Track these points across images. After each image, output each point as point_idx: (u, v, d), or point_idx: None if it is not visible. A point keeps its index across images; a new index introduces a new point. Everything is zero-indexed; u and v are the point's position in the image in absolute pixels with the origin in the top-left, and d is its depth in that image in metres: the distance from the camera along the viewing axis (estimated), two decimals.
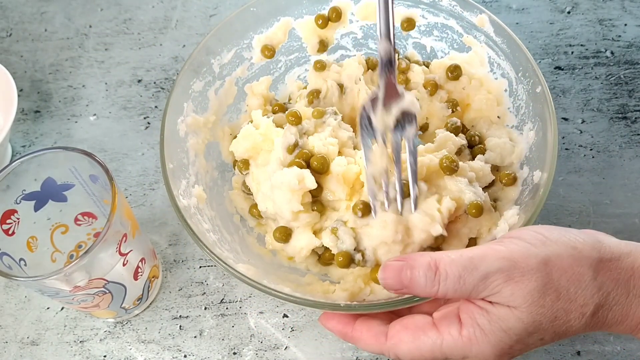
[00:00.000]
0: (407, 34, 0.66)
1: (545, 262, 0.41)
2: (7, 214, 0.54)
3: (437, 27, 0.64)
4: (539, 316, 0.41)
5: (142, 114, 0.78)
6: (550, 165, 0.51)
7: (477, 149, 0.60)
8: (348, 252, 0.53)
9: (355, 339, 0.48)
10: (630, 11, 0.82)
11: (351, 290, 0.54)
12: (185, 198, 0.56)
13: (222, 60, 0.63)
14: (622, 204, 0.68)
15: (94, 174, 0.55)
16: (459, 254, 0.43)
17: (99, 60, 0.83)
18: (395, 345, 0.45)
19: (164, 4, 0.88)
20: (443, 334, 0.44)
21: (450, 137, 0.59)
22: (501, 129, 0.61)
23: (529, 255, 0.41)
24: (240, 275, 0.50)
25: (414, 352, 0.45)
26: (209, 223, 0.57)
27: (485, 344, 0.42)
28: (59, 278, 0.49)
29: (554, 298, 0.41)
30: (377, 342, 0.47)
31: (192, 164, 0.59)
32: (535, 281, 0.41)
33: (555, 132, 0.52)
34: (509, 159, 0.58)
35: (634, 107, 0.75)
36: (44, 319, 0.64)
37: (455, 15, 0.62)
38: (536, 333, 0.42)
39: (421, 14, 0.64)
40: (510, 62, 0.59)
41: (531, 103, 0.57)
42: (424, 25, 0.65)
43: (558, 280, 0.41)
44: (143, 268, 0.59)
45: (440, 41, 0.65)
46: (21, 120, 0.78)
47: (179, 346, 0.62)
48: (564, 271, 0.41)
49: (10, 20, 0.87)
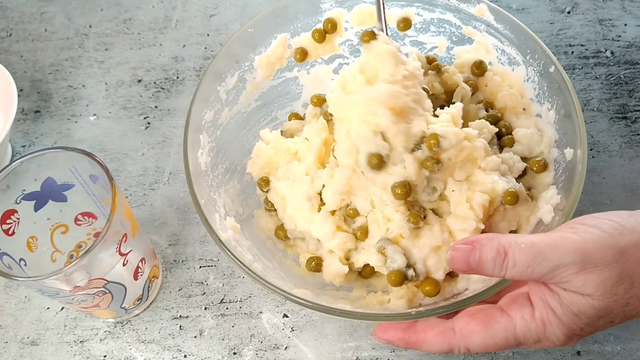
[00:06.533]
0: (403, 34, 0.66)
1: (622, 252, 0.41)
2: (7, 214, 0.54)
3: (434, 22, 0.64)
4: (612, 303, 0.41)
5: (142, 114, 0.78)
6: (581, 141, 0.51)
7: (506, 139, 0.59)
8: (400, 270, 0.52)
9: (420, 342, 0.47)
10: (630, 11, 0.82)
11: (407, 297, 0.53)
12: (224, 232, 0.54)
13: (227, 86, 0.62)
14: (622, 204, 0.68)
15: (94, 174, 0.55)
16: (531, 242, 0.42)
17: (99, 60, 0.83)
18: (466, 338, 0.45)
19: (164, 4, 0.88)
20: (515, 318, 0.43)
21: (485, 125, 0.58)
22: (529, 119, 0.60)
23: (605, 246, 0.41)
24: (301, 300, 0.48)
25: (488, 342, 0.44)
26: (249, 253, 0.55)
27: (558, 326, 0.42)
28: (59, 278, 0.49)
29: (628, 286, 0.41)
30: (445, 338, 0.46)
31: (218, 197, 0.58)
32: (609, 271, 0.41)
33: (578, 106, 0.53)
34: (538, 149, 0.58)
35: (634, 107, 0.75)
36: (44, 319, 0.64)
37: (452, 9, 0.62)
38: (607, 316, 0.42)
39: (416, 12, 0.63)
40: (516, 47, 0.59)
41: (545, 83, 0.57)
42: (420, 22, 0.64)
43: (633, 270, 0.41)
44: (143, 268, 0.59)
45: (438, 36, 0.65)
46: (21, 120, 0.78)
47: (179, 346, 0.62)
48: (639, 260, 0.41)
49: (10, 20, 0.87)
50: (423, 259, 0.52)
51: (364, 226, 0.55)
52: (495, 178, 0.53)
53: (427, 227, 0.53)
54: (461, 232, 0.52)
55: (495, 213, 0.54)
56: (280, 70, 0.66)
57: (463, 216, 0.51)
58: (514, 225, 0.54)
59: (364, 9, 0.63)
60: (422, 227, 0.53)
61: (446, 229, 0.52)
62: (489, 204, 0.52)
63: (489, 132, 0.58)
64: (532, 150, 0.58)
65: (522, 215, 0.54)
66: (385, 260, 0.52)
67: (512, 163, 0.56)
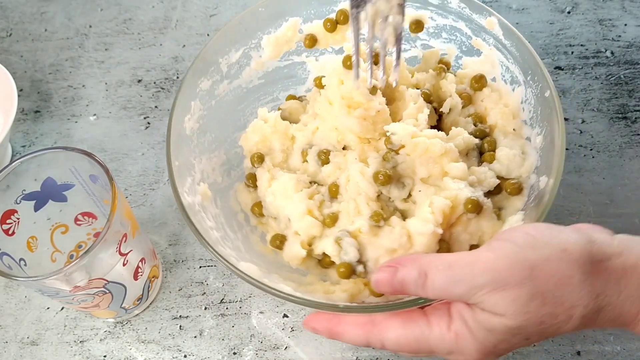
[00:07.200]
0: (415, 36, 0.65)
1: (532, 268, 0.41)
2: (7, 214, 0.54)
3: (446, 29, 0.64)
4: (524, 321, 0.41)
5: (142, 114, 0.78)
6: (556, 172, 0.50)
7: (487, 156, 0.59)
8: (350, 264, 0.53)
9: (341, 333, 0.48)
10: (630, 11, 0.82)
11: (351, 292, 0.54)
12: (190, 195, 0.56)
13: (230, 60, 0.63)
14: (622, 204, 0.68)
15: (94, 174, 0.55)
16: (448, 264, 0.42)
17: (99, 60, 0.83)
18: (382, 331, 0.45)
19: (164, 4, 0.88)
20: (433, 325, 0.44)
21: (461, 133, 0.58)
22: (517, 140, 0.59)
23: (516, 262, 0.41)
24: (242, 274, 0.50)
25: (401, 340, 0.45)
26: (212, 221, 0.57)
27: (471, 341, 0.43)
28: (59, 278, 0.49)
29: (539, 303, 0.40)
30: (364, 330, 0.46)
31: (198, 162, 0.59)
32: (520, 289, 0.40)
33: (563, 138, 0.51)
34: (517, 171, 0.57)
35: (634, 107, 0.75)
36: (44, 319, 0.64)
37: (464, 18, 0.61)
38: (521, 334, 0.42)
39: (430, 15, 0.63)
40: (520, 66, 0.58)
41: (539, 107, 0.56)
42: (433, 27, 0.64)
43: (544, 285, 0.40)
44: (143, 268, 0.59)
45: (449, 43, 0.65)
46: (21, 120, 0.78)
47: (179, 346, 0.62)
48: (551, 275, 0.40)
49: (10, 20, 0.87)
50: (376, 258, 0.53)
51: (335, 214, 0.56)
52: (462, 186, 0.53)
53: (387, 228, 0.53)
54: (419, 235, 0.52)
55: (458, 223, 0.54)
56: (289, 53, 0.66)
57: (423, 219, 0.52)
58: (476, 240, 0.54)
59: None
60: (383, 227, 0.53)
61: (406, 233, 0.53)
62: (450, 210, 0.52)
63: (464, 140, 0.57)
64: (510, 171, 0.57)
65: (486, 231, 0.54)
66: (339, 251, 0.54)
67: (484, 177, 0.56)
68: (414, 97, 0.59)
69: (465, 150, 0.58)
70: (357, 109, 0.56)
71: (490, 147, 0.59)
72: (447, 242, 0.54)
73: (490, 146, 0.59)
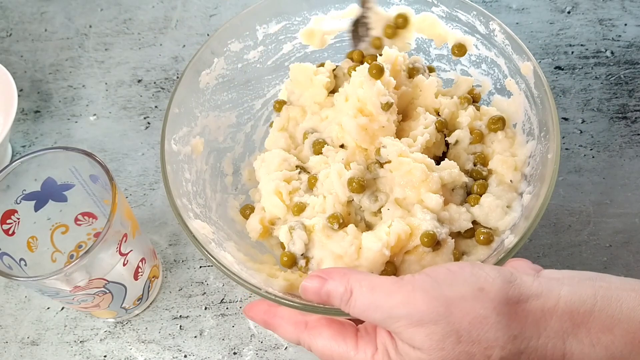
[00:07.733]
0: (456, 60, 0.64)
1: (447, 305, 0.40)
2: (7, 214, 0.54)
3: (487, 61, 0.62)
4: (441, 358, 0.40)
5: (142, 114, 0.78)
6: (524, 234, 0.49)
7: (472, 198, 0.56)
8: (294, 254, 0.54)
9: (276, 325, 0.48)
10: (630, 11, 0.82)
11: (291, 282, 0.53)
12: (179, 144, 0.56)
13: (267, 30, 0.64)
14: (622, 204, 0.68)
15: (94, 174, 0.55)
16: (372, 286, 0.42)
17: (99, 60, 0.83)
18: (313, 336, 0.46)
19: (164, 4, 0.88)
20: (359, 350, 0.44)
21: (452, 167, 0.56)
22: (509, 193, 0.57)
23: (432, 298, 0.40)
24: (188, 231, 0.50)
25: (326, 351, 0.45)
26: (193, 174, 0.57)
27: None
28: (59, 278, 0.49)
29: (455, 341, 0.40)
30: (297, 329, 0.47)
31: (203, 117, 0.60)
32: (435, 325, 0.40)
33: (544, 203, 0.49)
34: (494, 223, 0.55)
35: (634, 107, 0.75)
36: (44, 319, 0.64)
37: (506, 55, 0.59)
38: None
39: (475, 43, 0.61)
40: (538, 120, 0.56)
41: (540, 167, 0.54)
42: (475, 55, 0.62)
43: (459, 324, 0.40)
44: (143, 268, 0.59)
45: (486, 76, 0.63)
46: (21, 120, 0.78)
47: (179, 346, 0.62)
48: (465, 313, 0.40)
49: (10, 20, 0.87)
50: (320, 258, 0.53)
51: (303, 204, 0.56)
52: (427, 217, 0.52)
53: (341, 234, 0.53)
54: (368, 250, 0.51)
55: (414, 252, 0.53)
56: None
57: (377, 236, 0.51)
58: None
59: (428, 17, 0.62)
60: (338, 232, 0.53)
61: (358, 244, 0.52)
62: (406, 237, 0.51)
63: (451, 175, 0.55)
64: (488, 220, 0.55)
65: None
66: (290, 240, 0.54)
67: (458, 217, 0.54)
68: (428, 122, 0.58)
69: (452, 185, 0.56)
70: (364, 117, 0.56)
71: (480, 190, 0.57)
72: (396, 266, 0.53)
73: (480, 190, 0.57)
